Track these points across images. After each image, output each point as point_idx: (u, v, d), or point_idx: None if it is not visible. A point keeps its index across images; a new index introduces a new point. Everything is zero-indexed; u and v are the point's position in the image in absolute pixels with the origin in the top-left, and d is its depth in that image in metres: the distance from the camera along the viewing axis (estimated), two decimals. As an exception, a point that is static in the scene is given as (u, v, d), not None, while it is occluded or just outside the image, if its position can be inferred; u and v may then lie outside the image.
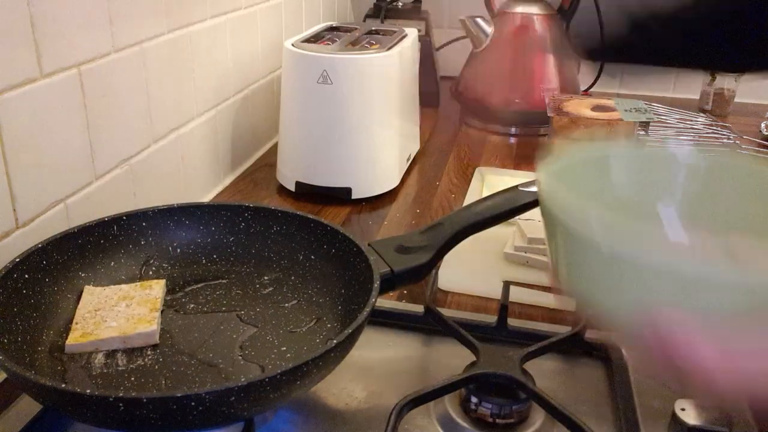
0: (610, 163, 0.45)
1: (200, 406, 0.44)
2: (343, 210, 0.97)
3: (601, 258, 0.35)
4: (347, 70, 0.92)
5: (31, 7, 0.61)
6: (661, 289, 0.34)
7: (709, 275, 0.32)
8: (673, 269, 0.33)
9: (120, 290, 0.62)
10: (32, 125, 0.63)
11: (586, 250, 0.36)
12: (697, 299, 0.33)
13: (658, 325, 0.33)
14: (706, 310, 0.33)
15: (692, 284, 0.33)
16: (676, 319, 0.33)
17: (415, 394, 0.54)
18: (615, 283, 0.35)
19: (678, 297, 0.33)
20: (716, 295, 0.33)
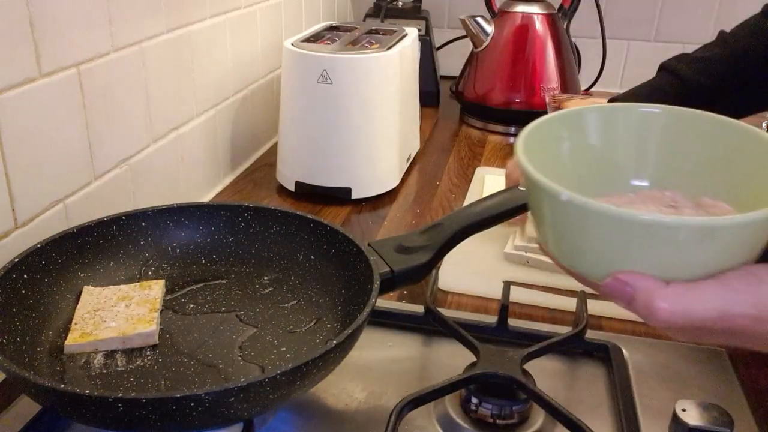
0: (578, 120, 0.48)
1: (199, 407, 0.43)
2: (343, 210, 0.97)
3: (566, 209, 0.38)
4: (347, 69, 0.92)
5: (30, 7, 0.61)
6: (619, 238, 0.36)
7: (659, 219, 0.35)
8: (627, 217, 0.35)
9: (119, 290, 0.62)
10: (31, 125, 0.63)
11: (553, 203, 0.39)
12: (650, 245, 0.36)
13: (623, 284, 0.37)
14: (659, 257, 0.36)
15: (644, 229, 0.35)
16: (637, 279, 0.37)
17: (415, 395, 0.53)
18: (579, 235, 0.39)
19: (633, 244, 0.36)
20: (668, 241, 0.35)
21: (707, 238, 0.35)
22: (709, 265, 0.36)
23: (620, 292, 0.38)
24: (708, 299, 0.36)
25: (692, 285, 0.36)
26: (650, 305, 0.36)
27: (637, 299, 0.37)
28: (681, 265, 0.36)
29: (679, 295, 0.36)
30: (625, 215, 0.35)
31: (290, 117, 0.98)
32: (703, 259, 0.36)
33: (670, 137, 0.47)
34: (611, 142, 0.48)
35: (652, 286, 0.36)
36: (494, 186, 0.91)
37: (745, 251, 0.37)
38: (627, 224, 0.35)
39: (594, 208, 0.36)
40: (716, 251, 0.36)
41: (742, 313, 0.36)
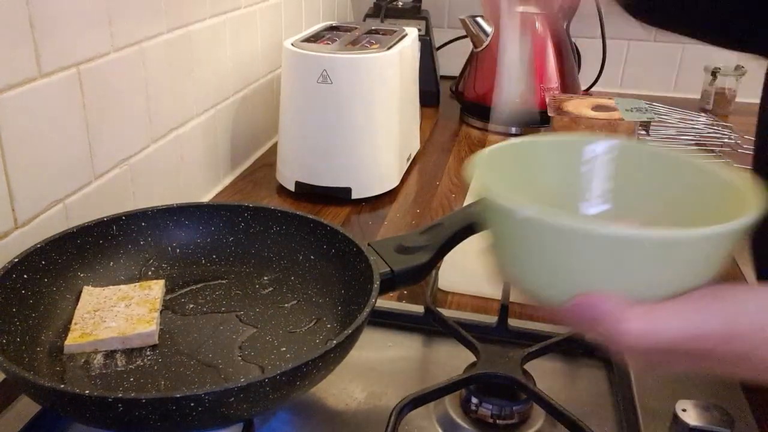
0: (532, 149, 0.47)
1: (199, 407, 0.43)
2: (343, 210, 0.97)
3: (520, 227, 0.36)
4: (347, 69, 0.92)
5: (30, 7, 0.61)
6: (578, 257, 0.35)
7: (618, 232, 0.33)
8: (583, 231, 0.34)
9: (119, 290, 0.62)
10: (31, 125, 0.63)
11: (511, 220, 0.37)
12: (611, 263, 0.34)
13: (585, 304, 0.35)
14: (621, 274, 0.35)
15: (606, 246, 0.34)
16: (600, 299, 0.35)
17: (415, 395, 0.53)
18: (539, 253, 0.37)
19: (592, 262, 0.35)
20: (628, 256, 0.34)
21: (674, 250, 0.34)
22: (675, 282, 0.35)
23: (585, 315, 0.35)
24: (676, 318, 0.34)
25: (658, 305, 0.34)
26: (617, 327, 0.34)
27: (604, 321, 0.35)
28: (647, 284, 0.35)
29: (646, 315, 0.34)
30: (591, 229, 0.34)
31: (290, 117, 0.98)
32: (669, 276, 0.35)
33: (623, 171, 0.45)
34: (563, 173, 0.46)
35: (618, 306, 0.34)
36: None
37: (709, 267, 0.36)
38: (592, 238, 0.34)
39: (556, 222, 0.34)
40: (682, 266, 0.35)
41: (712, 332, 0.34)
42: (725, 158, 1.19)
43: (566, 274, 0.36)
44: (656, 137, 1.23)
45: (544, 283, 0.38)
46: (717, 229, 0.34)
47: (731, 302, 0.35)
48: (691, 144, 1.25)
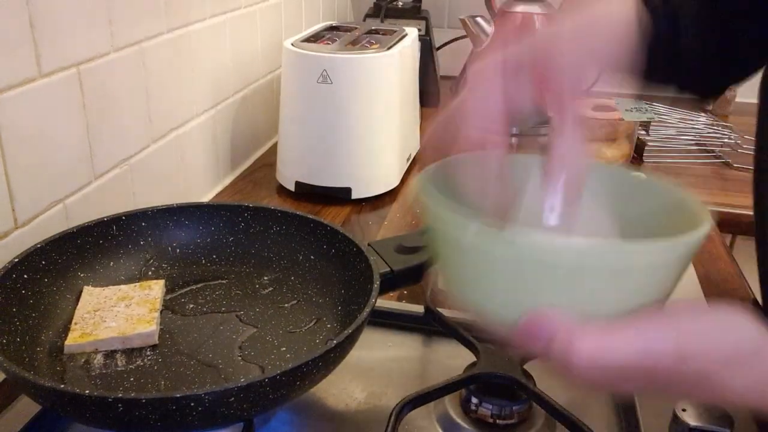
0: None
1: (199, 407, 0.43)
2: (343, 210, 0.97)
3: (463, 249, 0.35)
4: (347, 70, 0.92)
5: (30, 7, 0.61)
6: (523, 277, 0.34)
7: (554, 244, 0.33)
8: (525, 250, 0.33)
9: (119, 290, 0.62)
10: (31, 125, 0.63)
11: (460, 236, 0.36)
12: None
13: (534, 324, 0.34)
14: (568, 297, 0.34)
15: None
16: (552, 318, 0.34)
17: (415, 395, 0.53)
18: (489, 271, 0.36)
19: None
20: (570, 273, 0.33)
21: (624, 265, 0.33)
22: (627, 299, 0.34)
23: (536, 334, 0.34)
24: (629, 338, 0.33)
25: (613, 324, 0.33)
26: (570, 347, 0.33)
27: (556, 341, 0.33)
28: (598, 301, 0.34)
29: (598, 334, 0.33)
30: (537, 244, 0.32)
31: (290, 117, 0.98)
32: (621, 293, 0.34)
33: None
34: (513, 189, 0.45)
35: (569, 325, 0.33)
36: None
37: (664, 285, 0.35)
38: (539, 254, 0.32)
39: (501, 239, 0.33)
40: (633, 282, 0.34)
41: (664, 352, 0.33)
42: (725, 158, 1.19)
43: (515, 293, 0.35)
44: (656, 137, 1.23)
45: (493, 303, 0.36)
46: (666, 244, 0.33)
47: (684, 321, 0.34)
48: (691, 144, 1.25)
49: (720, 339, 0.34)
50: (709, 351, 0.33)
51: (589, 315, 0.33)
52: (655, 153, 1.20)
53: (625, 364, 0.33)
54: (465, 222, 0.34)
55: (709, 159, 1.20)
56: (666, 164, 1.18)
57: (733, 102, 1.39)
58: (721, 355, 0.33)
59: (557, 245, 0.32)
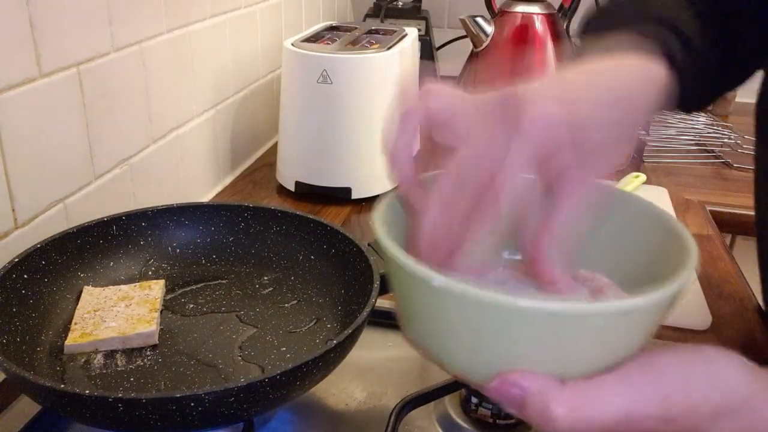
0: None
1: (199, 407, 0.43)
2: (343, 210, 0.97)
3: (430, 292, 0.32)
4: (347, 69, 0.92)
5: (30, 7, 0.61)
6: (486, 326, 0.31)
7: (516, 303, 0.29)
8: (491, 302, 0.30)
9: (119, 290, 0.62)
10: (31, 125, 0.63)
11: (423, 291, 0.32)
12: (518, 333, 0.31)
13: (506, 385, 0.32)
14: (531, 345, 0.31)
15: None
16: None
17: (415, 395, 0.53)
18: (457, 329, 0.32)
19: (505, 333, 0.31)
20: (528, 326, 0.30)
21: (613, 323, 0.30)
22: (607, 356, 0.32)
23: (509, 397, 0.31)
24: (610, 400, 0.31)
25: (590, 384, 0.31)
26: (546, 412, 0.30)
27: (530, 405, 0.31)
28: (575, 359, 0.31)
29: (577, 397, 0.31)
30: (505, 301, 0.29)
31: (290, 117, 0.98)
32: (601, 350, 0.31)
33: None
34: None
35: (545, 387, 0.31)
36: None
37: (645, 336, 0.33)
38: (508, 311, 0.30)
39: (473, 295, 0.30)
40: (616, 339, 0.31)
41: (649, 414, 0.31)
42: (725, 158, 1.19)
43: (484, 350, 0.32)
44: (656, 137, 1.23)
45: (461, 359, 0.34)
46: (644, 300, 0.30)
47: (668, 377, 0.32)
48: (691, 144, 1.25)
49: (707, 392, 0.32)
50: (696, 406, 0.32)
51: (563, 372, 0.31)
52: (655, 153, 1.20)
53: (605, 429, 0.31)
54: (429, 275, 0.31)
55: (709, 159, 1.20)
56: (666, 164, 1.18)
57: (733, 102, 1.39)
58: (709, 410, 0.32)
59: (522, 306, 0.29)
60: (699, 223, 0.96)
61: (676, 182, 1.10)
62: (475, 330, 0.31)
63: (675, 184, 1.09)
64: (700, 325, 0.71)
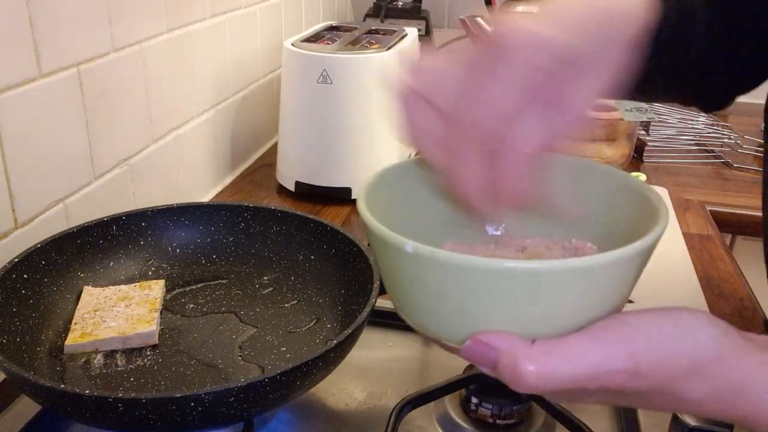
0: (419, 168, 0.43)
1: (199, 407, 0.43)
2: (343, 210, 0.97)
3: (409, 260, 0.33)
4: (347, 69, 0.92)
5: (30, 7, 0.61)
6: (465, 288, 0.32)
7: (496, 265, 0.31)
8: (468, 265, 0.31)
9: (119, 290, 0.62)
10: (31, 125, 0.63)
11: (398, 256, 0.34)
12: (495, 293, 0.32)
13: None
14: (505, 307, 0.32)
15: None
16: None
17: (415, 395, 0.53)
18: (430, 291, 0.34)
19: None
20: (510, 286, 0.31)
21: (574, 281, 0.31)
22: (576, 315, 0.32)
23: (482, 357, 0.33)
24: (578, 357, 0.31)
25: (560, 342, 0.32)
26: (516, 369, 0.31)
27: (501, 363, 0.32)
28: (545, 319, 0.32)
29: (546, 354, 0.31)
30: (475, 263, 0.31)
31: (290, 117, 0.98)
32: (569, 309, 0.32)
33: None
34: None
35: (516, 346, 0.32)
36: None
37: (613, 296, 0.33)
38: (479, 274, 0.31)
39: (441, 258, 0.31)
40: (582, 297, 0.32)
41: (617, 369, 0.31)
42: (725, 158, 1.19)
43: (460, 312, 0.33)
44: (656, 137, 1.23)
45: (437, 323, 0.35)
46: (622, 253, 0.31)
47: (637, 333, 0.32)
48: (691, 144, 1.25)
49: (676, 349, 0.32)
50: (664, 363, 0.32)
51: (535, 333, 0.32)
52: (655, 153, 1.20)
53: (575, 386, 0.31)
54: (401, 241, 0.33)
55: (709, 159, 1.20)
56: (666, 164, 1.18)
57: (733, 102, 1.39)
58: (677, 368, 0.32)
59: (492, 267, 0.31)
60: (699, 223, 0.96)
61: (676, 182, 1.10)
62: (448, 292, 0.33)
63: (675, 184, 1.09)
64: (700, 325, 0.71)
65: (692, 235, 0.92)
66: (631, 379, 0.32)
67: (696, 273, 0.81)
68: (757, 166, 1.17)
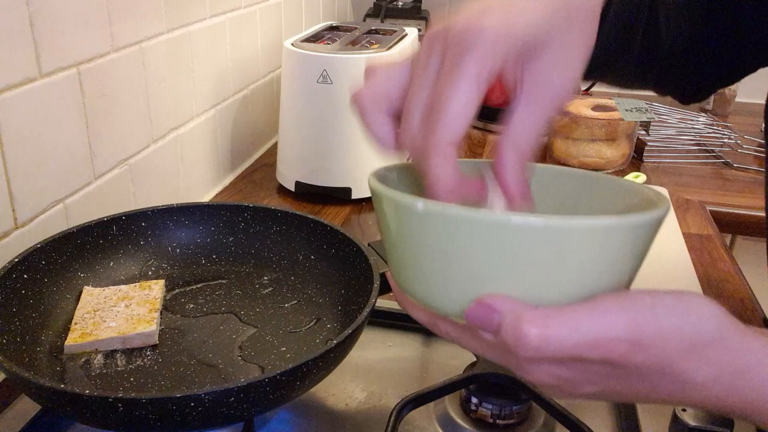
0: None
1: (199, 407, 0.43)
2: (343, 210, 0.97)
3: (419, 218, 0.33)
4: (347, 69, 0.92)
5: (30, 7, 0.61)
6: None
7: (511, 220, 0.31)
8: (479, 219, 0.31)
9: (119, 291, 0.62)
10: (31, 125, 0.63)
11: (407, 217, 0.34)
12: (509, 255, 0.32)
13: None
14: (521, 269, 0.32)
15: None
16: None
17: (415, 395, 0.53)
18: (439, 251, 0.33)
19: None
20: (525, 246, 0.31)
21: (586, 242, 0.31)
22: (582, 283, 0.32)
23: (485, 319, 0.32)
24: (580, 322, 0.31)
25: (563, 308, 0.32)
26: (518, 331, 0.31)
27: (504, 325, 0.32)
28: (550, 284, 0.32)
29: (549, 317, 0.31)
30: (487, 217, 0.31)
31: (290, 117, 0.98)
32: (576, 273, 0.32)
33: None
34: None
35: (519, 309, 0.32)
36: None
37: (620, 268, 0.33)
38: (490, 228, 0.31)
39: (452, 213, 0.32)
40: (591, 263, 0.32)
41: (619, 337, 0.31)
42: (725, 158, 1.19)
43: (463, 275, 0.33)
44: (656, 137, 1.23)
45: (440, 290, 0.35)
46: (617, 221, 0.31)
47: (640, 305, 0.32)
48: (691, 144, 1.25)
49: (679, 324, 0.31)
50: (667, 336, 0.31)
51: (538, 300, 0.32)
52: (655, 153, 1.20)
53: (576, 352, 0.31)
54: (411, 200, 0.33)
55: (709, 159, 1.20)
56: (666, 164, 1.18)
57: (733, 102, 1.39)
58: (680, 343, 0.31)
59: (503, 221, 0.31)
60: (699, 223, 0.96)
61: (676, 182, 1.10)
62: (455, 251, 0.32)
63: (675, 184, 1.09)
64: (700, 325, 0.71)
65: (692, 235, 0.92)
66: (632, 349, 0.31)
67: (696, 273, 0.81)
68: (757, 166, 1.17)
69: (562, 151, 1.14)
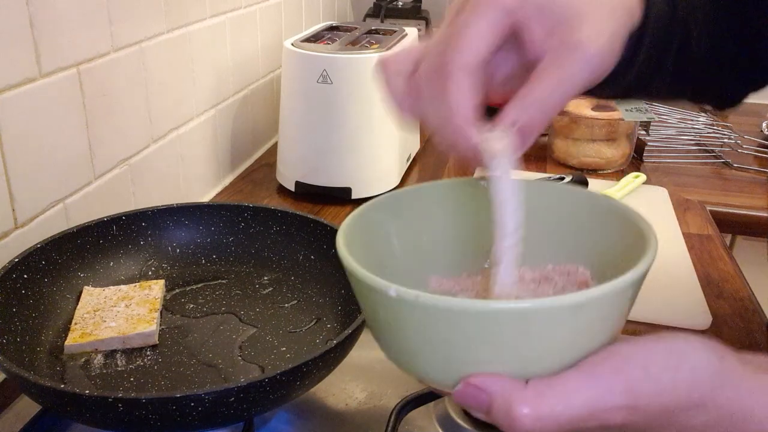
0: (396, 203, 0.42)
1: (199, 407, 0.43)
2: (343, 210, 0.97)
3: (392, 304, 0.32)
4: (347, 69, 0.92)
5: (30, 7, 0.61)
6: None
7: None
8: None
9: (119, 291, 0.62)
10: (31, 125, 0.63)
11: (383, 302, 0.32)
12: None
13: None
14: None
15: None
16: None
17: (415, 395, 0.53)
18: (417, 336, 0.32)
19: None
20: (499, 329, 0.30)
21: (564, 319, 0.30)
22: (569, 351, 0.31)
23: (474, 401, 0.31)
24: (574, 396, 0.30)
25: (554, 381, 0.30)
26: (510, 413, 0.30)
27: (495, 407, 0.30)
28: (537, 357, 0.31)
29: (540, 395, 0.30)
30: (461, 306, 0.30)
31: (290, 117, 0.98)
32: (561, 346, 0.31)
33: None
34: (440, 221, 0.42)
35: (509, 388, 0.30)
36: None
37: (606, 329, 0.32)
38: (466, 317, 0.30)
39: (426, 302, 0.30)
40: (574, 333, 0.31)
41: (616, 405, 0.30)
42: (725, 158, 1.19)
43: (447, 356, 0.32)
44: (656, 137, 1.23)
45: (427, 367, 0.34)
46: (615, 285, 0.30)
47: (632, 366, 0.31)
48: (691, 144, 1.25)
49: (674, 380, 0.31)
50: (662, 395, 0.30)
51: (529, 372, 0.31)
52: (655, 153, 1.20)
53: (573, 425, 0.30)
54: (384, 286, 0.31)
55: (709, 159, 1.20)
56: (666, 164, 1.18)
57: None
58: (676, 399, 0.31)
59: (479, 309, 0.29)
60: (699, 223, 0.96)
61: (676, 182, 1.10)
62: (435, 336, 0.31)
63: (675, 184, 1.09)
64: (700, 325, 0.71)
65: (692, 235, 0.92)
66: (630, 414, 0.31)
67: (696, 273, 0.81)
68: (757, 166, 1.17)
69: (562, 151, 1.14)
